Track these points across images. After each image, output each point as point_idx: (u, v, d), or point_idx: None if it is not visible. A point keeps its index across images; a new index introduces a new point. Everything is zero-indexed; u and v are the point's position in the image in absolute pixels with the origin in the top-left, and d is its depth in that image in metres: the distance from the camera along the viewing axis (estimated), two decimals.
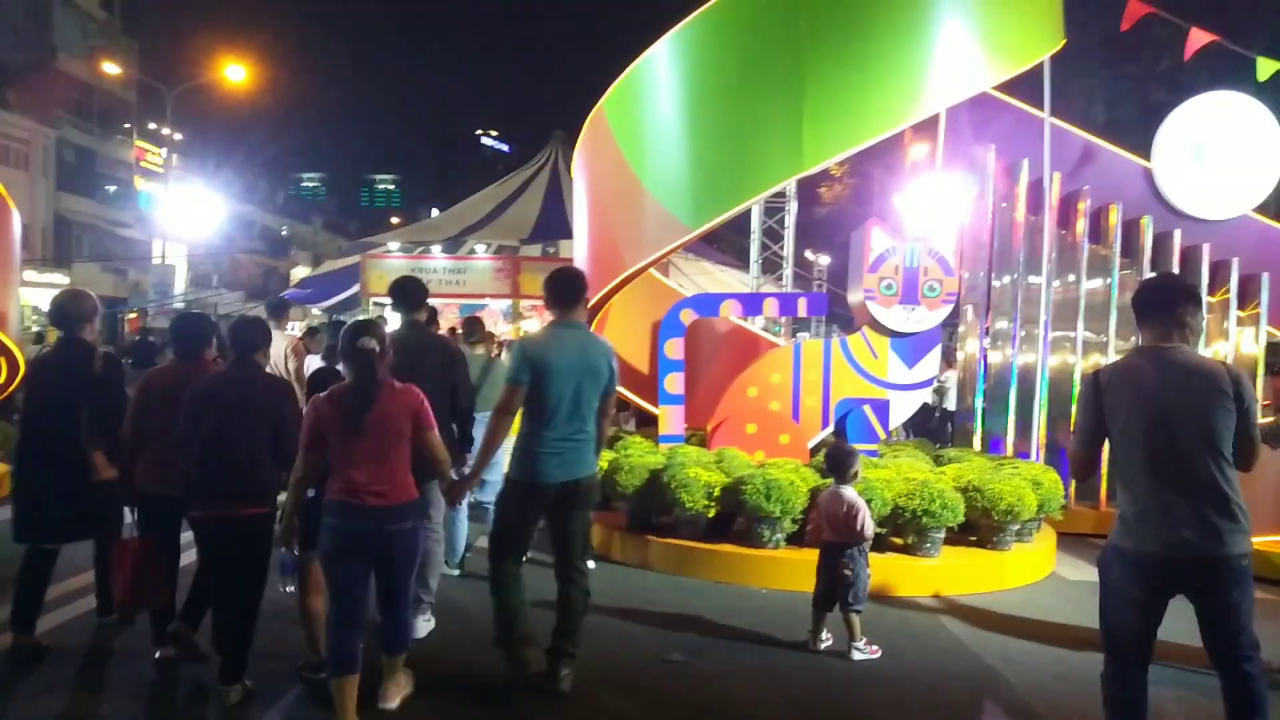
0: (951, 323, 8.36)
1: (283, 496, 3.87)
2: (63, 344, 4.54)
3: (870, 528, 4.80)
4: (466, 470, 4.49)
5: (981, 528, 6.39)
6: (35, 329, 21.92)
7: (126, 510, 4.35)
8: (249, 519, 3.89)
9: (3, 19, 28.15)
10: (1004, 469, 6.82)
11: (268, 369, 4.61)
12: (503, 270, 24.11)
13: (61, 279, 30.12)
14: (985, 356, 8.85)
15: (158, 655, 4.27)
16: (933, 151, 8.97)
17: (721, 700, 4.22)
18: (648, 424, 9.01)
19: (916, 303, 7.17)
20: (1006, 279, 8.81)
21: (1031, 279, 8.56)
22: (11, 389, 9.72)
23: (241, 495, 3.89)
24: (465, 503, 5.33)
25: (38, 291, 27.17)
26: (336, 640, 3.60)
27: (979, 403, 8.82)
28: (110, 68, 34.09)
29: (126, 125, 38.84)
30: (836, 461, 5.00)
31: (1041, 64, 7.45)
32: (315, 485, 3.72)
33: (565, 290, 4.26)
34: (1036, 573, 6.51)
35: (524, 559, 4.37)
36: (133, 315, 30.64)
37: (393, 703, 3.83)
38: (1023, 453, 8.23)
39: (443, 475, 3.94)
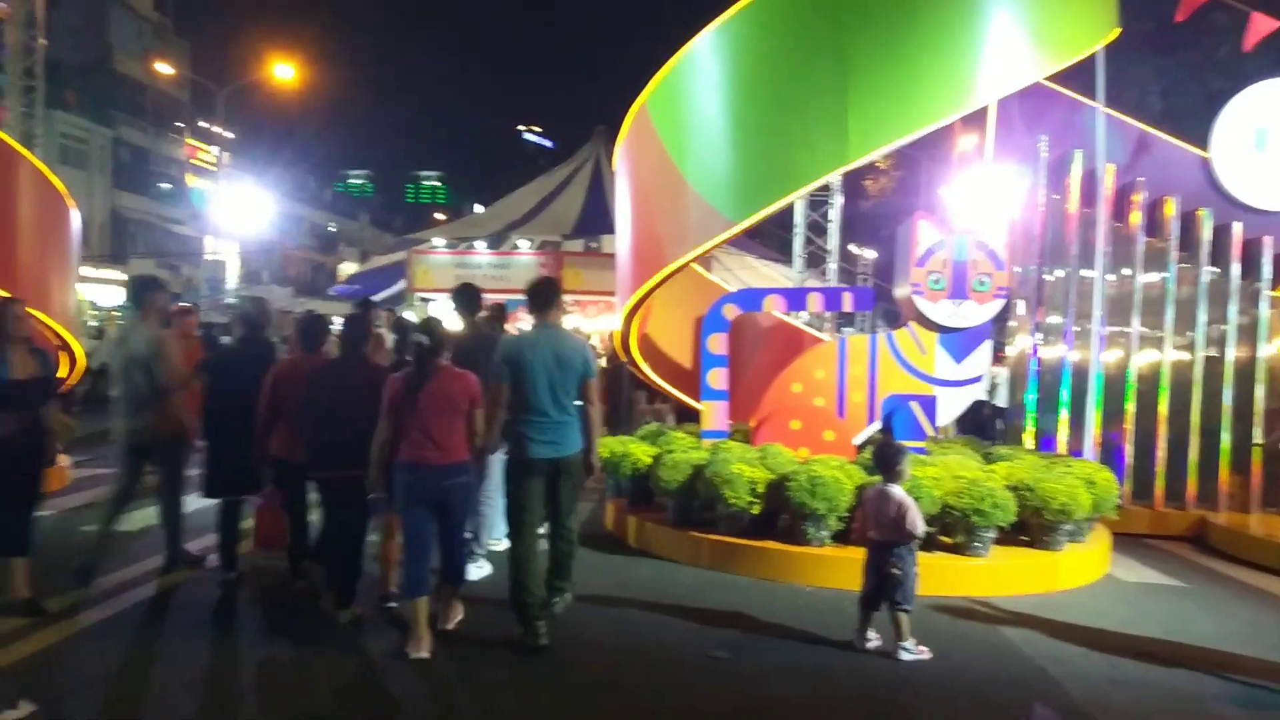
0: (1001, 318, 8.18)
1: None
2: (244, 342, 5.75)
3: (920, 526, 4.72)
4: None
5: (1033, 527, 6.26)
6: (94, 323, 22.53)
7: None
8: (357, 479, 4.63)
9: (61, 21, 28.87)
10: (1056, 467, 6.67)
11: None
12: (545, 265, 24.17)
13: (118, 275, 30.88)
14: (1037, 352, 8.67)
15: (297, 586, 5.35)
16: (982, 143, 8.81)
17: (767, 699, 4.18)
18: (688, 419, 8.97)
19: (965, 297, 7.03)
20: (1059, 273, 8.62)
21: (1085, 273, 8.36)
22: (72, 382, 10.00)
23: (349, 460, 4.63)
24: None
25: (95, 287, 27.91)
26: (411, 571, 4.51)
27: (1030, 399, 8.65)
28: (164, 68, 34.84)
29: (179, 124, 39.69)
30: (884, 459, 4.92)
31: (1095, 53, 7.26)
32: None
33: (539, 298, 5.02)
34: (1090, 574, 6.36)
35: (538, 535, 4.95)
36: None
37: (450, 624, 4.77)
38: (1076, 451, 8.05)
39: (475, 445, 4.66)
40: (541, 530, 5.04)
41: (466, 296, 6.03)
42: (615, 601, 5.50)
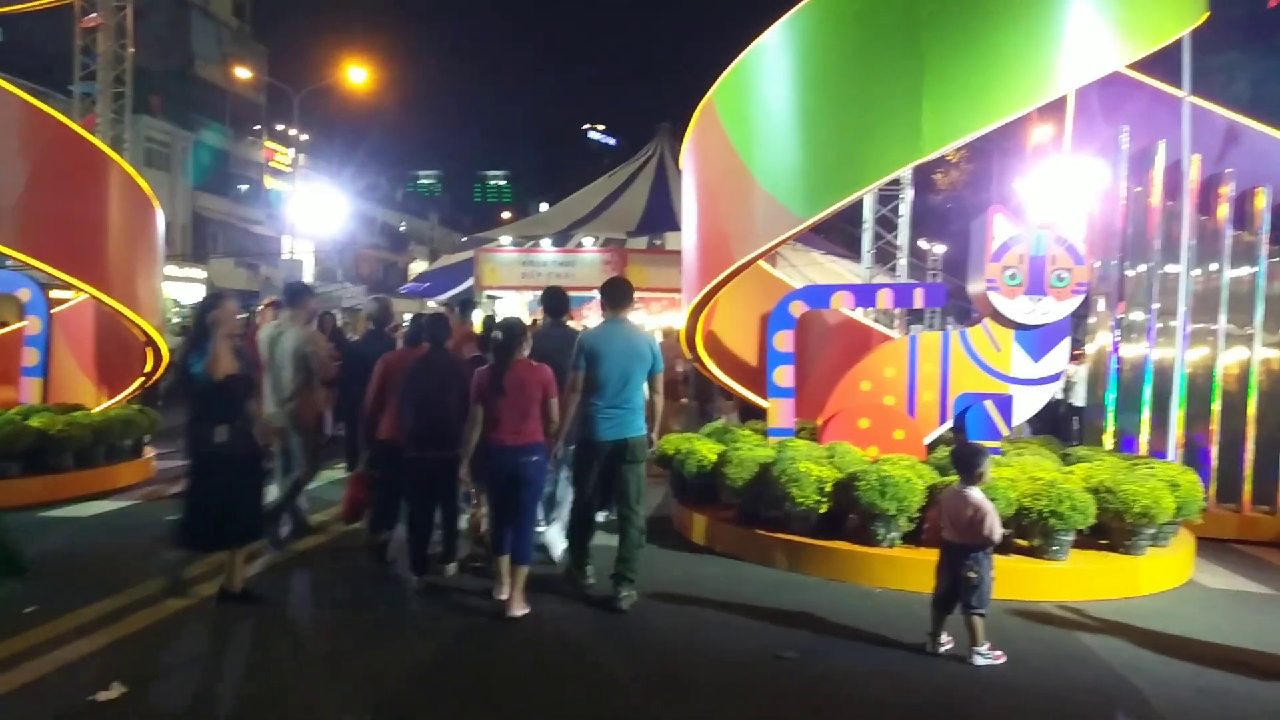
0: (1080, 314, 7.94)
1: None
2: (371, 336, 6.81)
3: (998, 531, 4.60)
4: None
5: (1113, 531, 6.06)
6: (177, 320, 23.37)
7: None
8: (449, 458, 5.24)
9: (146, 30, 29.99)
10: (1138, 469, 6.45)
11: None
12: (610, 262, 24.28)
13: (199, 274, 31.96)
14: (1118, 350, 8.39)
15: (387, 554, 6.05)
16: (1059, 134, 8.56)
17: (837, 701, 4.13)
18: (753, 416, 8.92)
19: (1043, 293, 6.84)
20: (1141, 268, 8.33)
21: (1169, 268, 8.06)
22: (157, 377, 10.39)
23: (442, 442, 5.33)
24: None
25: (178, 285, 28.93)
26: (496, 534, 5.22)
27: (1110, 399, 8.38)
28: (242, 72, 35.92)
29: (257, 127, 40.89)
30: (964, 460, 4.79)
31: (1180, 40, 6.98)
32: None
33: (617, 296, 5.59)
34: (1173, 580, 6.13)
35: (597, 512, 5.70)
36: (262, 307, 32.22)
37: (518, 609, 5.04)
38: (1158, 452, 7.77)
39: (550, 431, 5.19)
40: (604, 516, 5.72)
41: (554, 299, 6.52)
42: (682, 599, 5.50)
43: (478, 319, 8.15)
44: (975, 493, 4.64)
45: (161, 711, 3.76)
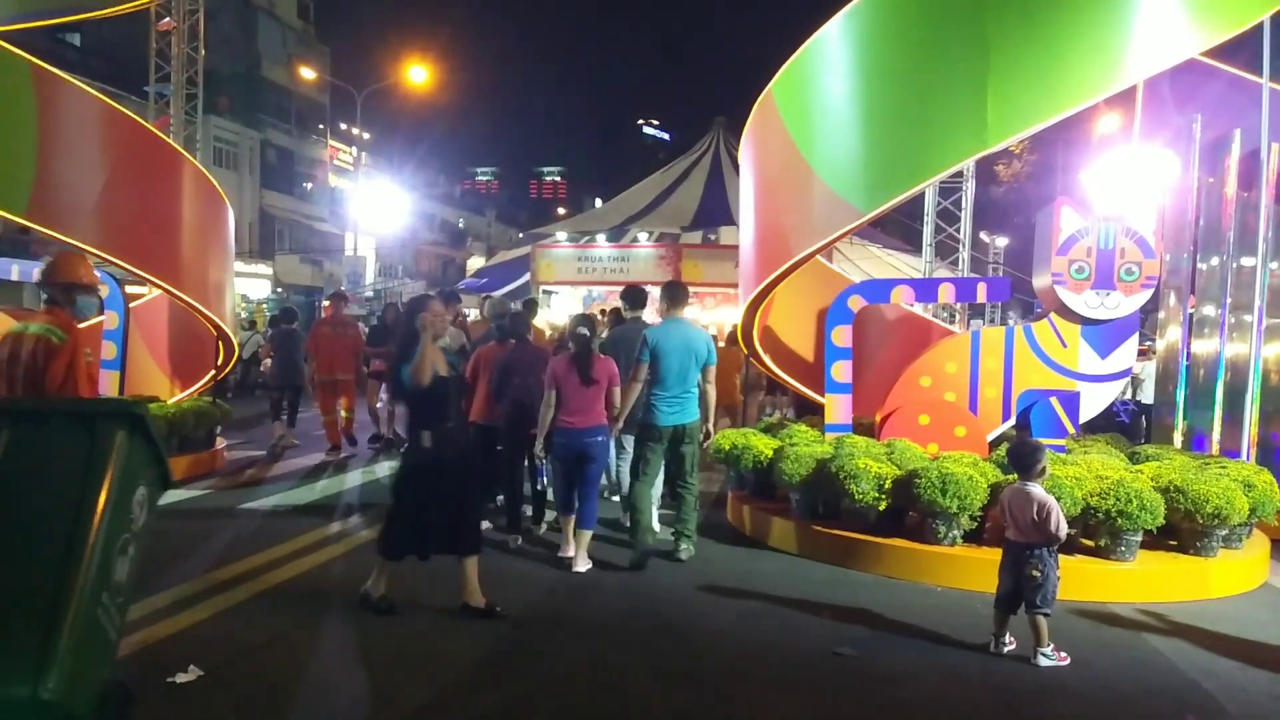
0: (1148, 309, 7.72)
1: None
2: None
3: (1063, 528, 4.51)
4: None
5: (1183, 532, 5.90)
6: (244, 314, 24.03)
7: None
8: (532, 436, 6.15)
9: (215, 32, 30.82)
10: (1210, 469, 6.26)
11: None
12: (665, 258, 24.28)
13: (266, 270, 32.80)
14: (1188, 346, 8.14)
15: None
16: (1126, 123, 8.33)
17: (897, 700, 4.09)
18: (808, 412, 8.86)
19: (1112, 287, 6.66)
20: (1214, 261, 8.07)
21: (1244, 261, 7.80)
22: (227, 370, 10.70)
23: (528, 422, 6.18)
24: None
25: (246, 281, 29.74)
26: (562, 499, 6.04)
27: (1180, 396, 8.15)
28: (307, 73, 36.75)
29: (321, 126, 41.80)
30: (1021, 457, 4.72)
31: (1260, 23, 6.73)
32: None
33: (676, 296, 6.36)
34: (1246, 583, 5.95)
35: (654, 487, 6.38)
36: (326, 303, 32.97)
37: (581, 564, 5.84)
38: (1231, 451, 7.53)
39: (611, 415, 6.02)
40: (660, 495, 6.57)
41: (633, 296, 7.43)
42: (738, 593, 5.50)
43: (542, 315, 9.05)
44: (1037, 489, 4.56)
45: (238, 694, 3.89)
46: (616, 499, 7.49)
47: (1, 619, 2.54)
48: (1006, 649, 4.57)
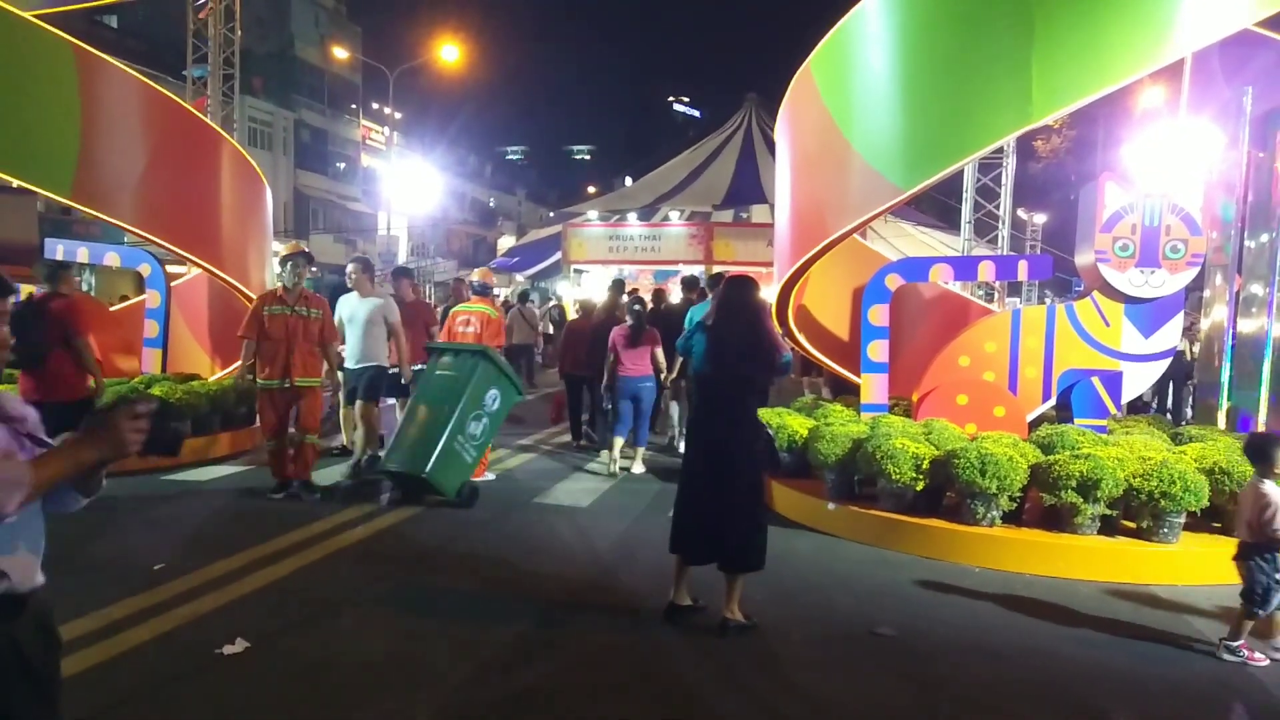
0: (1193, 287, 7.57)
1: None
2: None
3: None
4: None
5: (1228, 514, 5.80)
6: None
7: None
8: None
9: (249, 12, 31.06)
10: None
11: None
12: (696, 236, 24.17)
13: (301, 248, 33.02)
14: (1234, 325, 7.98)
15: (579, 444, 9.69)
16: (1172, 96, 8.13)
17: (939, 677, 4.08)
18: (844, 391, 8.81)
19: (1157, 265, 6.54)
20: (1263, 238, 7.88)
21: None
22: None
23: (598, 372, 8.74)
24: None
25: None
26: (616, 425, 8.44)
27: (1225, 375, 7.99)
28: (339, 53, 36.89)
29: (354, 106, 42.00)
30: (1259, 450, 4.37)
31: None
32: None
33: (714, 283, 7.20)
34: None
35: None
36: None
37: (638, 468, 8.38)
38: (1277, 431, 7.38)
39: (657, 369, 8.43)
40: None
41: (689, 282, 9.98)
42: (775, 574, 5.48)
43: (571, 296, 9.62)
44: (1270, 486, 4.22)
45: (283, 667, 3.97)
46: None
47: (425, 442, 6.52)
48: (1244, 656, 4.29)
